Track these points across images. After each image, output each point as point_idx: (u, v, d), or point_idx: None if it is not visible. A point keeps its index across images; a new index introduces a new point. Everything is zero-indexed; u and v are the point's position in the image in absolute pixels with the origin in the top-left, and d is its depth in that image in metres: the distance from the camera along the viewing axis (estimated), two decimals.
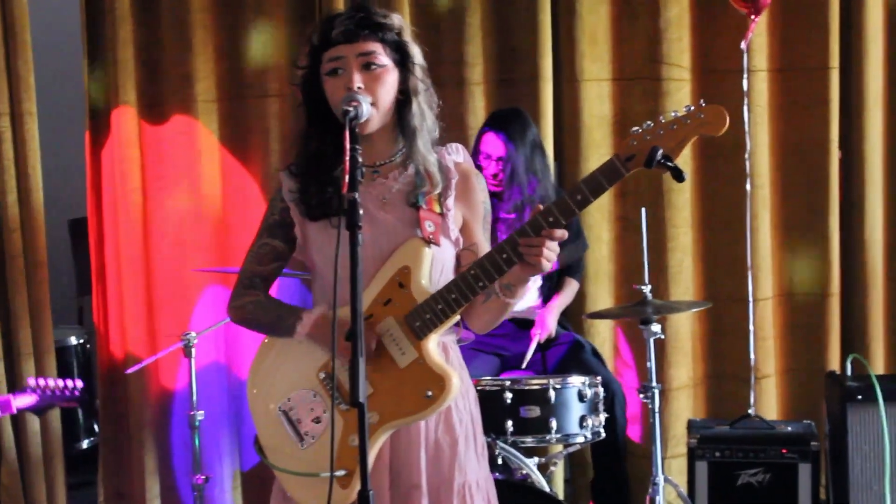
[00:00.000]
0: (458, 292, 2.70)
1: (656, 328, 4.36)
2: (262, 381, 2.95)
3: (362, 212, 2.49)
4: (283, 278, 3.05)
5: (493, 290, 2.76)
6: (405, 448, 2.80)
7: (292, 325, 2.84)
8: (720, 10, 5.10)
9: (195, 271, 5.21)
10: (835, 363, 5.14)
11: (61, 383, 4.26)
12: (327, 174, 2.82)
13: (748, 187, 5.04)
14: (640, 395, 4.43)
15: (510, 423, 4.11)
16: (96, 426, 5.78)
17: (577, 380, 4.20)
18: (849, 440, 4.55)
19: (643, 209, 4.56)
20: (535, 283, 4.79)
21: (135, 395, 5.35)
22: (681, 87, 5.18)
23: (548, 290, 4.88)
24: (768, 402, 5.27)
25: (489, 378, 4.29)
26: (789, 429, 4.73)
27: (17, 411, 4.28)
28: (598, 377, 4.32)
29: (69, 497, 5.40)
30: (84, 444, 5.91)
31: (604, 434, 4.30)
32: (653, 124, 2.59)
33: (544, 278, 4.82)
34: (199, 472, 4.63)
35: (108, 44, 5.28)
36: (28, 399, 4.24)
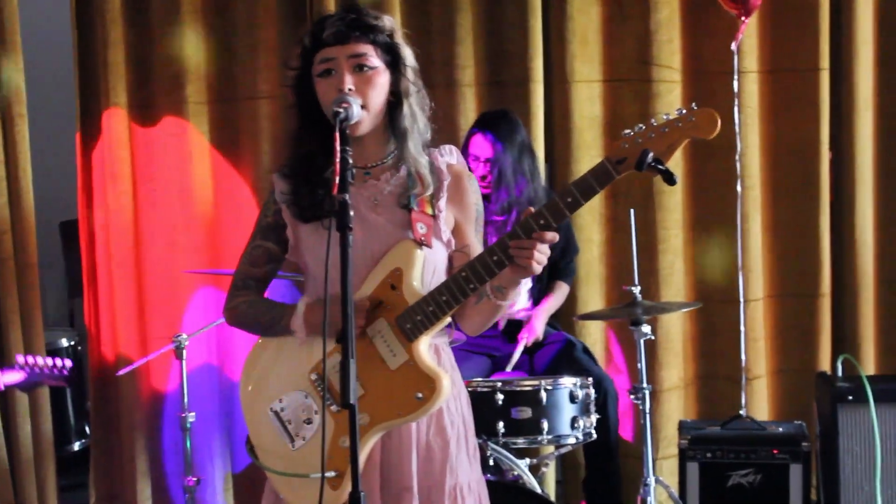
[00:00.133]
0: (449, 294, 2.70)
1: (646, 329, 4.36)
2: (254, 382, 2.95)
3: (353, 213, 2.49)
4: (274, 280, 3.05)
5: (485, 293, 2.76)
6: (396, 450, 2.80)
7: (286, 324, 2.85)
8: (710, 12, 5.10)
9: (186, 273, 5.21)
10: (825, 364, 5.16)
11: (50, 361, 4.24)
12: (319, 176, 2.82)
13: (739, 188, 5.05)
14: (631, 397, 4.43)
15: (501, 425, 4.11)
16: (87, 428, 5.77)
17: (569, 381, 4.20)
18: (839, 441, 4.56)
19: (632, 210, 4.57)
20: (526, 285, 4.79)
21: (126, 396, 5.35)
22: (671, 89, 5.19)
23: (538, 293, 4.88)
24: (759, 403, 5.28)
25: (480, 379, 4.29)
26: (780, 429, 4.74)
27: (4, 388, 4.26)
28: (590, 378, 4.32)
29: (60, 499, 5.39)
30: (75, 445, 5.89)
31: (595, 435, 4.30)
32: (644, 127, 2.59)
33: (535, 280, 4.82)
34: (190, 473, 4.62)
35: (98, 45, 5.27)
36: (16, 376, 4.22)
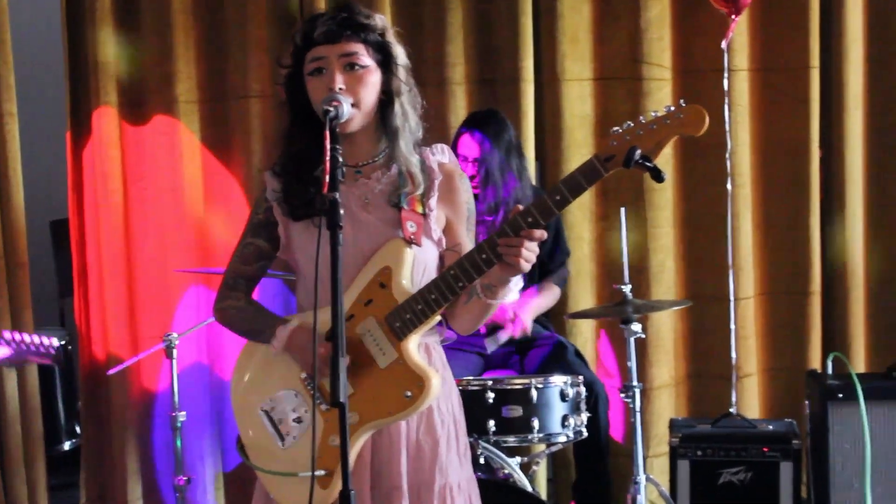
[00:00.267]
0: (438, 292, 2.70)
1: (637, 327, 4.36)
2: (244, 381, 2.95)
3: (344, 212, 2.49)
4: (266, 279, 3.05)
5: (475, 291, 2.76)
6: (386, 449, 2.80)
7: (267, 339, 2.85)
8: (701, 10, 5.11)
9: (177, 272, 5.21)
10: (816, 362, 5.16)
11: (37, 339, 4.21)
12: (310, 174, 2.81)
13: (729, 187, 5.06)
14: (622, 395, 4.43)
15: (492, 423, 4.10)
16: (78, 427, 5.76)
17: (560, 379, 4.19)
18: (830, 439, 4.56)
19: (623, 209, 4.57)
20: (518, 284, 4.78)
21: (117, 396, 5.34)
22: (662, 87, 5.19)
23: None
24: (750, 401, 5.28)
25: (471, 378, 4.29)
26: (771, 427, 4.75)
27: None
28: (581, 377, 4.32)
29: (51, 498, 5.38)
30: (66, 445, 5.88)
31: (586, 433, 4.29)
32: (632, 124, 2.59)
33: (527, 280, 4.81)
34: (181, 473, 4.61)
35: (88, 44, 5.26)
36: (2, 351, 4.20)
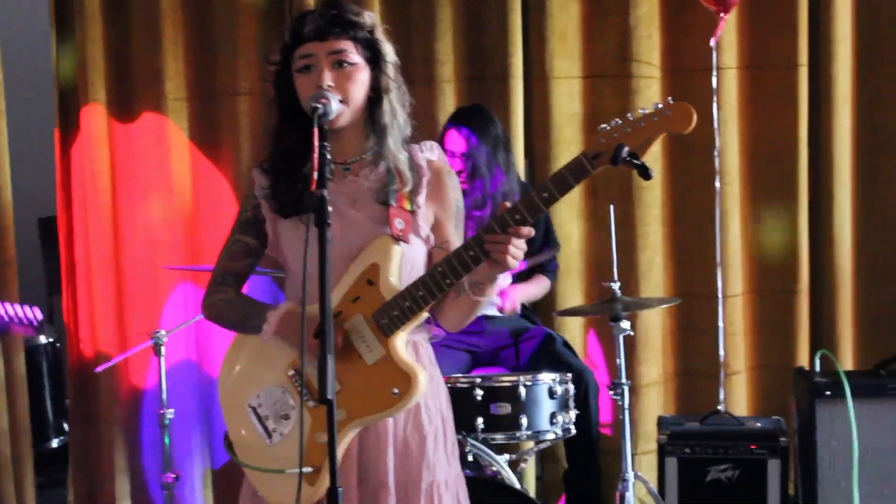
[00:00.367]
0: (426, 289, 2.70)
1: (626, 325, 4.36)
2: (232, 378, 2.95)
3: (332, 209, 2.50)
4: (255, 277, 3.05)
5: (463, 288, 2.76)
6: (374, 446, 2.80)
7: (258, 325, 2.84)
8: (689, 8, 5.12)
9: (165, 269, 5.20)
10: (803, 359, 5.18)
11: (20, 310, 4.20)
12: (298, 171, 2.82)
13: (718, 185, 5.07)
14: (611, 392, 4.44)
15: (481, 420, 4.10)
16: (66, 425, 5.75)
17: (548, 377, 4.20)
18: (817, 436, 4.57)
19: (612, 206, 4.57)
20: (506, 281, 4.79)
21: (105, 393, 5.34)
22: (651, 85, 5.20)
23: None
24: (738, 399, 5.29)
25: (460, 375, 4.29)
26: (758, 425, 4.76)
27: None
28: (569, 374, 4.33)
29: (39, 496, 5.38)
30: (54, 443, 5.87)
31: (574, 431, 4.30)
32: (620, 122, 2.60)
33: (515, 277, 4.82)
34: (169, 470, 4.61)
35: (77, 41, 5.26)
36: None
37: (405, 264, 2.80)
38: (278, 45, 2.84)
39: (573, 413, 4.29)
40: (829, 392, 4.55)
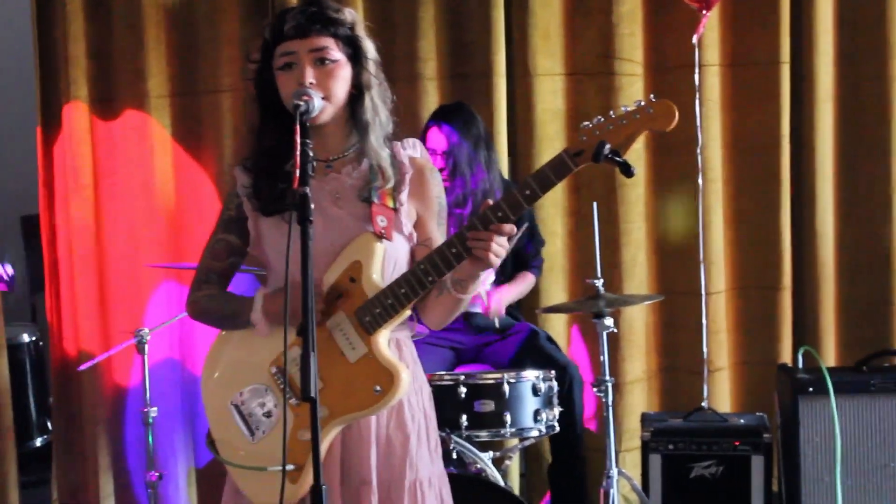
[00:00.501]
0: (408, 287, 2.70)
1: (609, 322, 4.37)
2: (215, 376, 2.95)
3: (314, 206, 2.49)
4: (239, 275, 3.05)
5: (445, 286, 2.76)
6: (356, 443, 2.80)
7: (246, 319, 2.84)
8: (672, 6, 5.12)
9: (148, 267, 5.19)
10: (787, 356, 5.18)
11: None
12: (280, 169, 2.82)
13: (700, 182, 5.07)
14: (594, 389, 4.44)
15: (465, 418, 4.10)
16: (49, 424, 5.74)
17: (532, 374, 4.20)
18: (800, 432, 4.58)
19: (595, 203, 4.57)
20: (490, 278, 4.79)
21: (88, 392, 5.32)
22: (633, 83, 5.20)
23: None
24: (721, 395, 5.30)
25: (444, 372, 4.29)
26: (742, 421, 4.76)
27: None
28: (552, 371, 4.33)
29: (22, 495, 5.36)
30: (37, 441, 5.87)
31: (558, 428, 4.30)
32: (602, 119, 2.60)
33: (498, 274, 4.82)
34: (152, 469, 4.60)
35: (59, 38, 5.24)
36: None
37: (388, 262, 2.80)
38: (258, 43, 2.83)
39: (557, 410, 4.29)
40: (811, 388, 4.56)
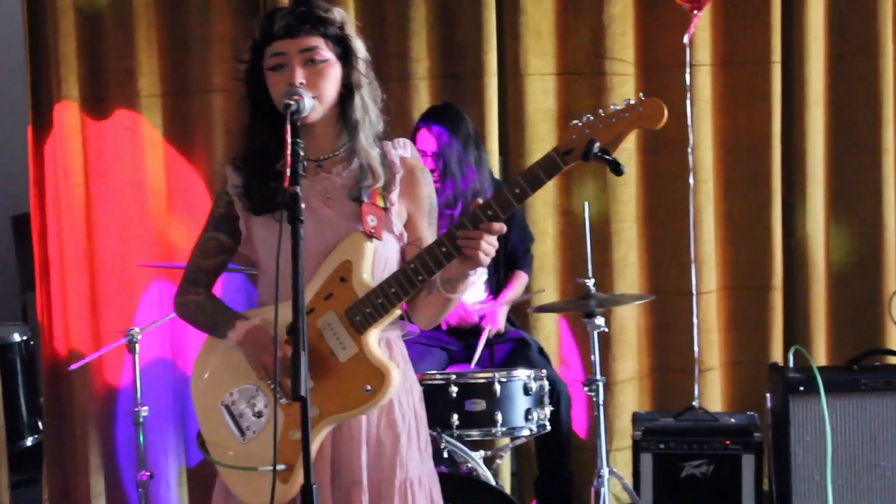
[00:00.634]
0: (399, 286, 2.70)
1: (600, 321, 4.37)
2: (205, 376, 2.94)
3: (305, 206, 2.49)
4: (228, 274, 3.05)
5: (435, 285, 2.76)
6: (346, 443, 2.80)
7: (225, 334, 2.85)
8: (663, 6, 5.13)
9: (139, 267, 5.18)
10: (777, 355, 5.19)
11: None
12: (270, 168, 2.81)
13: (691, 181, 5.08)
14: (585, 389, 4.44)
15: (456, 417, 4.10)
16: (40, 423, 5.73)
17: (523, 373, 4.20)
18: (791, 431, 4.58)
19: (586, 203, 4.58)
20: (482, 277, 4.80)
21: (79, 391, 5.31)
22: (625, 82, 5.21)
23: (495, 284, 4.88)
24: (712, 394, 5.31)
25: (435, 372, 4.29)
26: (733, 420, 4.77)
27: None
28: (544, 370, 4.33)
29: (13, 495, 5.35)
30: (28, 441, 5.84)
31: (549, 427, 4.30)
32: (592, 118, 2.61)
33: (490, 272, 4.82)
34: (143, 468, 4.60)
35: (50, 38, 5.24)
36: None
37: (378, 261, 2.80)
38: (248, 43, 2.83)
39: (548, 409, 4.29)
40: (802, 387, 4.57)
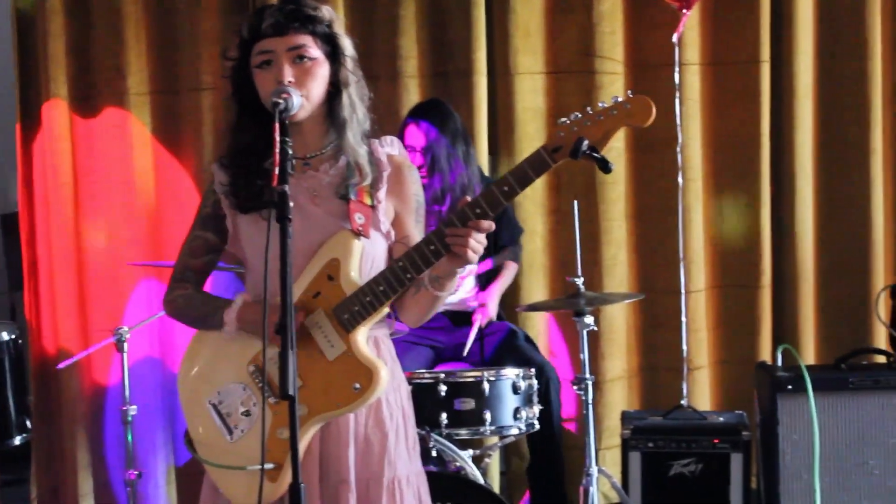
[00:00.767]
0: (387, 284, 2.69)
1: (589, 320, 4.37)
2: (192, 375, 2.93)
3: (292, 204, 2.48)
4: (217, 273, 3.04)
5: (423, 283, 2.76)
6: (335, 442, 2.79)
7: (218, 322, 2.84)
8: (652, 4, 5.14)
9: (128, 265, 5.17)
10: (766, 354, 5.20)
11: None
12: (258, 166, 2.81)
13: (680, 180, 5.08)
14: (574, 387, 4.45)
15: (444, 416, 4.10)
16: (29, 422, 5.71)
17: (512, 372, 4.20)
18: (779, 430, 4.59)
19: (575, 202, 4.58)
20: (471, 273, 4.80)
21: (67, 390, 5.31)
22: (614, 81, 5.21)
23: (485, 280, 4.88)
24: (701, 393, 5.32)
25: (424, 370, 4.29)
26: (721, 419, 4.78)
27: None
28: (532, 369, 4.33)
29: (1, 494, 5.35)
30: (16, 440, 5.81)
31: (538, 426, 4.31)
32: (580, 115, 2.61)
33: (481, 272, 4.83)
34: (132, 467, 4.59)
35: (39, 36, 5.23)
36: None
37: (365, 259, 2.79)
38: (235, 40, 2.83)
39: (537, 408, 4.29)
40: (790, 386, 4.57)
